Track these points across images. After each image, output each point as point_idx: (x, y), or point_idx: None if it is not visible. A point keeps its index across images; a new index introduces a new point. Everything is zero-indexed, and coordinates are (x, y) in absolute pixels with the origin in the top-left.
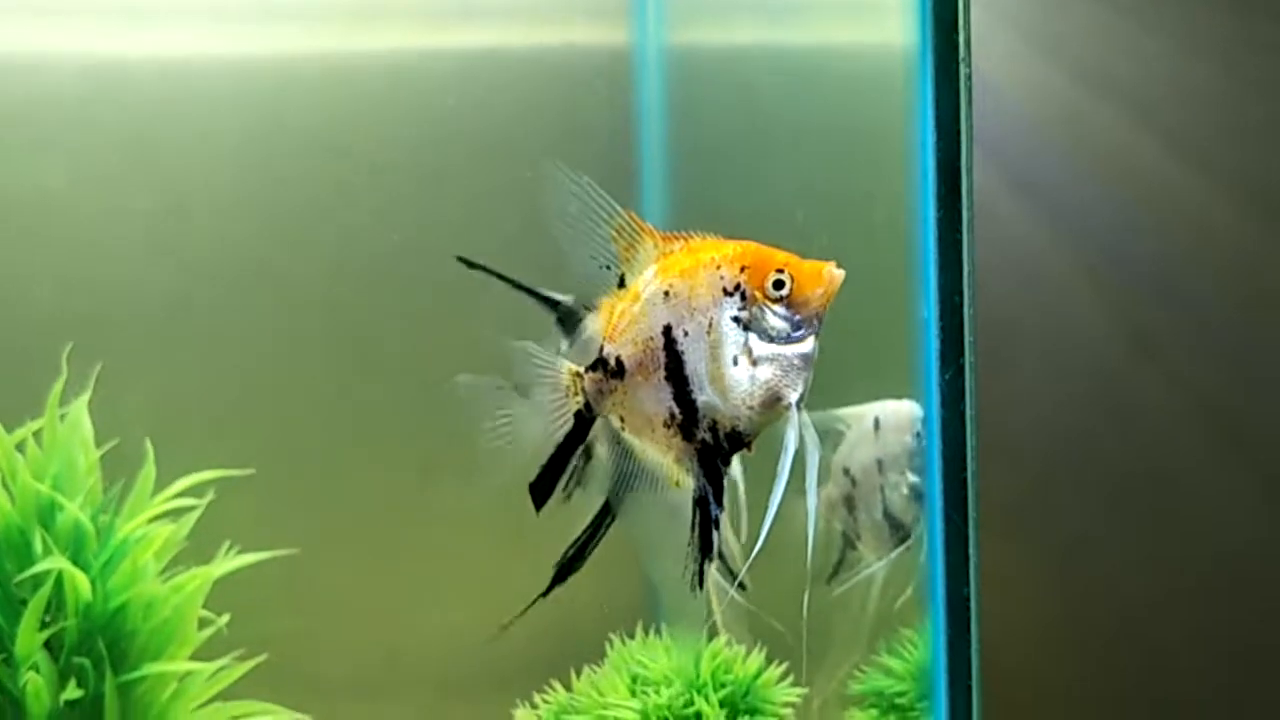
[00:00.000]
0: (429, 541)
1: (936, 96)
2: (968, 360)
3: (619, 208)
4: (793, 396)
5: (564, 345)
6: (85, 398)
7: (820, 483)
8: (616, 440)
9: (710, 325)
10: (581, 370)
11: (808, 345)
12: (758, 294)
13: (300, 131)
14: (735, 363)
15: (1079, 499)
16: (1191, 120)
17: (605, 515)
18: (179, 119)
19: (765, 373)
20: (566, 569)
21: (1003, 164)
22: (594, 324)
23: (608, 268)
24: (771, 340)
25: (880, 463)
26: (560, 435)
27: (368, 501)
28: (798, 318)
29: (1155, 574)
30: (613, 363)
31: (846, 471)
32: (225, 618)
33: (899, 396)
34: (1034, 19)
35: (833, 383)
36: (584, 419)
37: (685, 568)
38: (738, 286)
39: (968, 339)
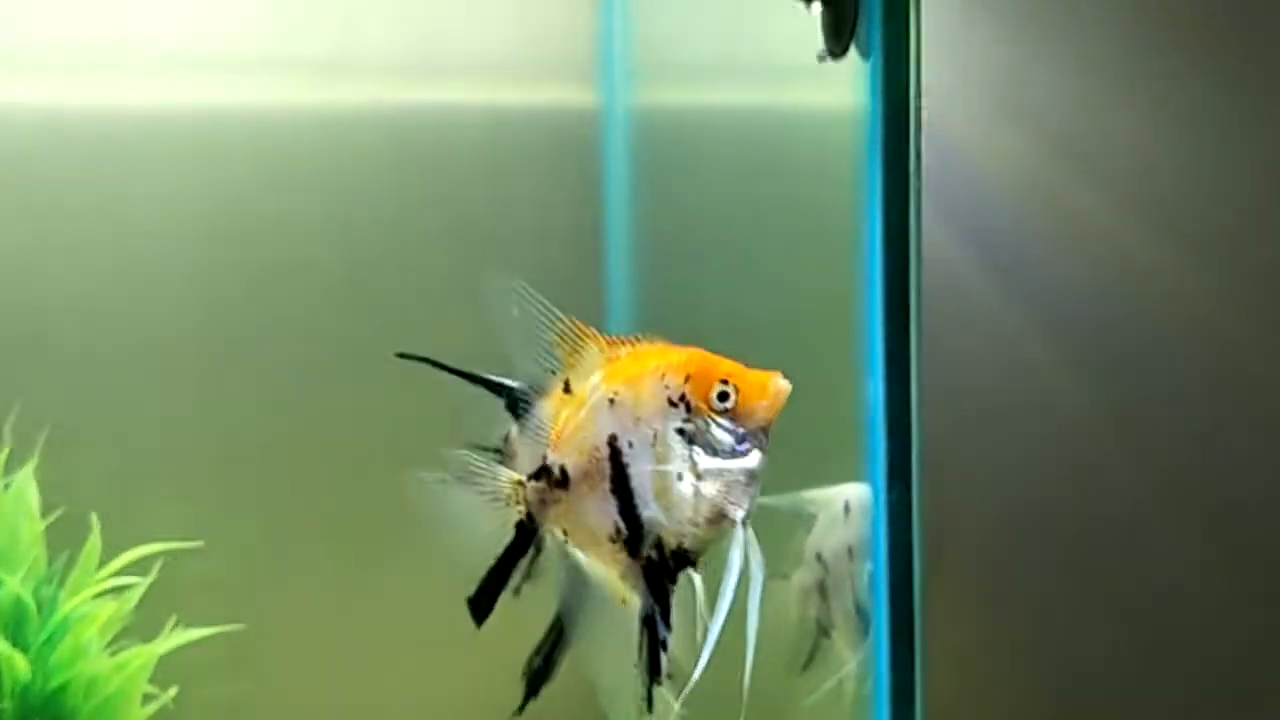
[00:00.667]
0: (380, 615)
1: (885, 194)
2: (914, 480)
3: (559, 314)
4: (738, 514)
5: (513, 430)
6: (30, 466)
7: (791, 570)
8: (561, 553)
9: (655, 437)
10: (523, 479)
11: (753, 460)
12: (702, 405)
13: (265, 186)
14: (680, 477)
15: (1046, 576)
16: (1168, 194)
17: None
18: (139, 174)
19: (710, 488)
20: (537, 680)
21: (973, 236)
22: (543, 410)
23: (553, 372)
24: (716, 454)
25: (850, 549)
26: (499, 547)
27: (318, 574)
28: (742, 431)
29: (1121, 657)
30: (557, 472)
31: (819, 557)
32: (172, 691)
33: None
34: (1007, 88)
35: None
36: (526, 530)
37: (635, 690)
38: (682, 397)
39: (915, 455)
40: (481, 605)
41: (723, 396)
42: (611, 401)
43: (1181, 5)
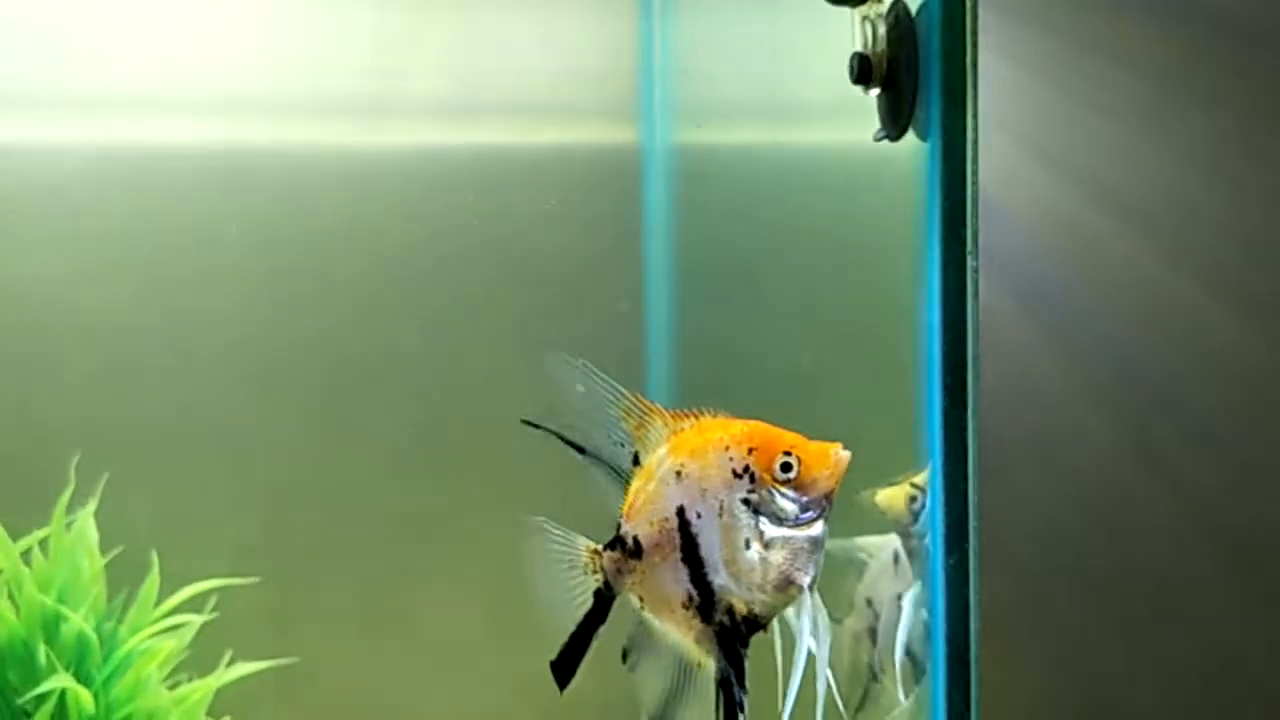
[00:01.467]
0: (431, 646)
1: (944, 279)
2: (971, 546)
3: (623, 390)
4: (805, 580)
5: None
6: (92, 506)
7: (844, 615)
8: (639, 620)
9: (722, 507)
10: (600, 549)
11: (817, 528)
12: (766, 476)
13: (307, 229)
14: (747, 546)
15: (1078, 610)
16: (1193, 232)
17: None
18: (187, 217)
19: (776, 556)
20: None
21: (1005, 275)
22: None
23: (622, 445)
24: (781, 523)
25: (900, 597)
26: (580, 614)
27: (370, 605)
28: (806, 499)
29: (1155, 686)
30: (630, 542)
31: (870, 603)
32: None
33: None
34: (1032, 129)
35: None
36: (604, 598)
37: None
38: (746, 469)
39: (972, 524)
40: (564, 670)
41: (786, 467)
42: (679, 474)
43: (1215, 56)
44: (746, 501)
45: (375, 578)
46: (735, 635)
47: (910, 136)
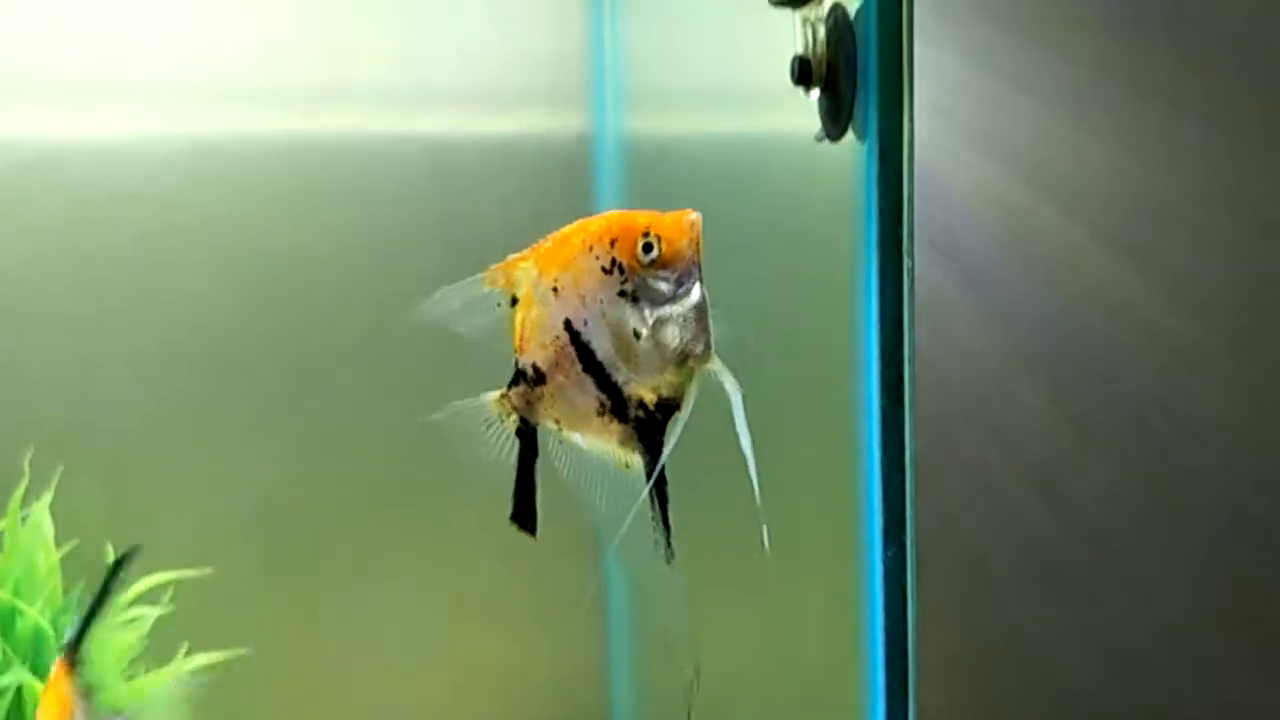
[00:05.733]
0: (388, 634)
1: (880, 276)
2: (909, 536)
3: (479, 275)
4: (699, 347)
5: None
6: (47, 500)
7: None
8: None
9: (603, 308)
10: (504, 392)
11: (695, 295)
12: (633, 263)
13: (258, 218)
14: (637, 336)
15: (1020, 587)
16: (1133, 218)
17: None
18: (137, 206)
19: (667, 335)
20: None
21: (948, 258)
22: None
23: (499, 305)
24: (661, 303)
25: None
26: (513, 459)
27: (326, 596)
28: (676, 273)
29: (1095, 655)
30: (531, 371)
31: None
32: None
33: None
34: (971, 117)
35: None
36: (525, 433)
37: (655, 544)
38: (613, 261)
39: (909, 513)
40: (524, 516)
41: (647, 248)
42: (555, 290)
43: (1151, 36)
44: (623, 294)
45: (328, 568)
46: (653, 424)
47: (851, 137)
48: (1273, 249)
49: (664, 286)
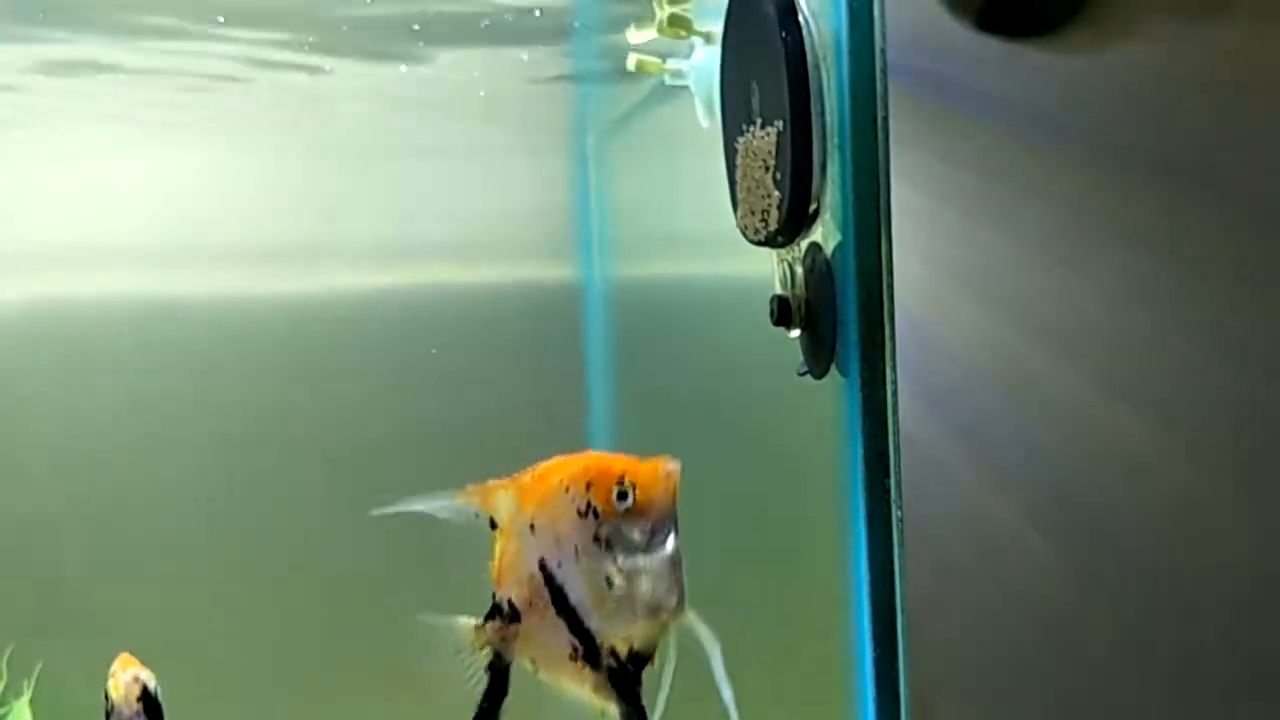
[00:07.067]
0: None
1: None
2: (903, 693)
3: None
4: (671, 602)
5: None
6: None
7: None
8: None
9: (577, 551)
10: (479, 623)
11: (669, 547)
12: (607, 510)
13: (247, 372)
14: (609, 584)
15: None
16: (1127, 362)
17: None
18: (117, 361)
19: (639, 587)
20: None
21: (939, 408)
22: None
23: (476, 515)
24: (634, 552)
25: None
26: (480, 691)
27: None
28: (650, 523)
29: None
30: (506, 606)
31: None
32: None
33: None
34: (966, 267)
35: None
36: (497, 670)
37: None
38: (589, 505)
39: (902, 675)
40: None
41: (622, 496)
42: (532, 527)
43: (1139, 183)
44: (597, 539)
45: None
46: (626, 675)
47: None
48: (1273, 391)
49: (637, 536)
